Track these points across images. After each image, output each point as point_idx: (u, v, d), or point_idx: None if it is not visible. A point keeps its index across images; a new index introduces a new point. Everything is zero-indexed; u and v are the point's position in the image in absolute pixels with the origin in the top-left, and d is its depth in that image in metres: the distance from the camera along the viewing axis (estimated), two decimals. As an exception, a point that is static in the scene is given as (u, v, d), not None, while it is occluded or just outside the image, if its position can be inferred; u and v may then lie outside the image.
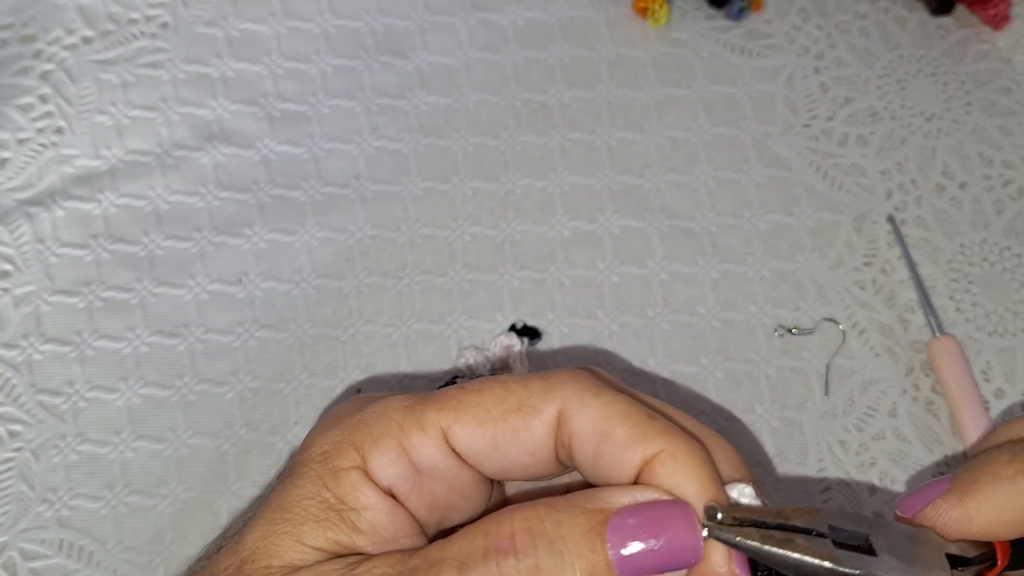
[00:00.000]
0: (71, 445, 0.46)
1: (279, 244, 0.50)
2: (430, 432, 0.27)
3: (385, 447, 0.27)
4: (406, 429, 0.27)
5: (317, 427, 0.29)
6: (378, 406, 0.28)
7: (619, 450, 0.25)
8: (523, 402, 0.26)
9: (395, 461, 0.27)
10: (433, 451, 0.27)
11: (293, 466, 0.28)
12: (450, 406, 0.27)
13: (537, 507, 0.25)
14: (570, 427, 0.26)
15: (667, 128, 0.53)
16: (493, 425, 0.27)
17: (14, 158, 0.51)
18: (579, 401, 0.26)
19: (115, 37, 0.54)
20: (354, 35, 0.55)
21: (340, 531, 0.26)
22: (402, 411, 0.27)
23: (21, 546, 0.44)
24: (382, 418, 0.27)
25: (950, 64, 0.55)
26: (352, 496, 0.26)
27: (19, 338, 0.48)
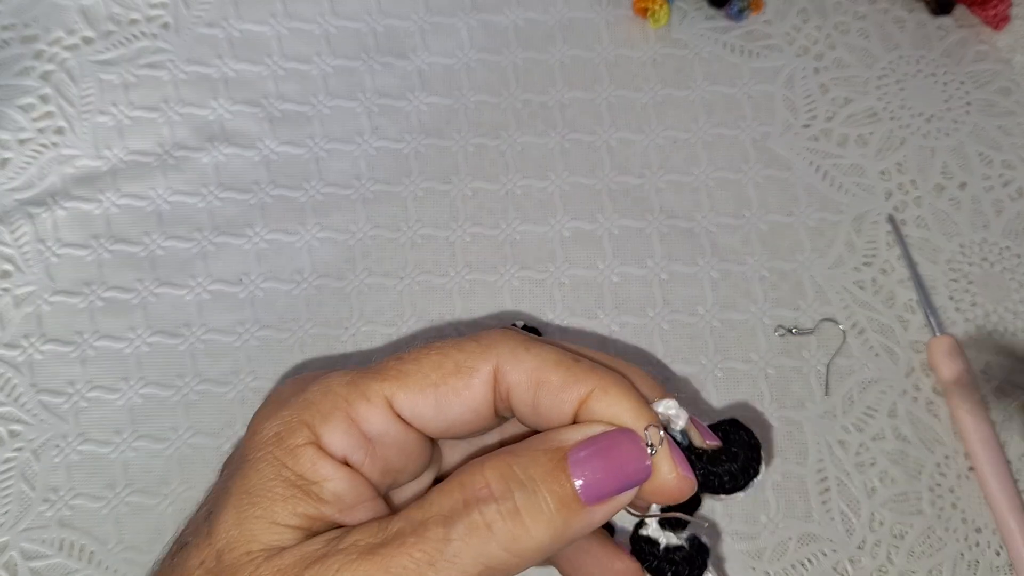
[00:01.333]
0: (72, 445, 0.46)
1: (280, 244, 0.50)
2: (375, 402, 0.28)
3: (334, 421, 0.28)
4: (352, 401, 0.28)
5: (260, 412, 0.29)
6: (320, 384, 0.29)
7: (556, 394, 0.28)
8: (460, 364, 0.28)
9: (346, 432, 0.28)
10: (380, 419, 0.28)
11: (245, 453, 0.29)
12: (391, 375, 0.28)
13: (502, 455, 0.27)
14: (507, 381, 0.28)
15: (667, 128, 0.54)
16: (434, 389, 0.28)
17: (15, 158, 0.51)
18: (513, 356, 0.28)
19: (116, 38, 0.54)
20: (355, 36, 0.55)
21: (307, 504, 0.27)
22: (345, 385, 0.28)
23: (22, 546, 0.44)
24: (327, 394, 0.28)
25: (949, 64, 0.56)
26: (311, 470, 0.28)
27: (20, 338, 0.48)
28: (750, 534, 0.46)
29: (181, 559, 0.28)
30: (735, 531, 0.46)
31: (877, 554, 0.45)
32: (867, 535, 0.46)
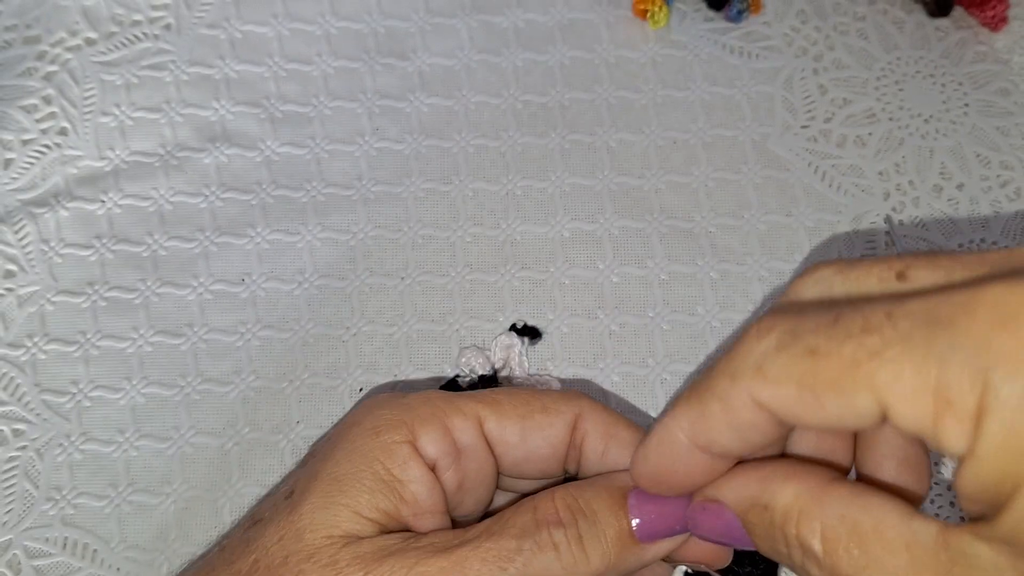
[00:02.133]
0: (75, 444, 0.46)
1: (281, 244, 0.50)
2: (469, 417, 0.31)
3: (431, 426, 0.31)
4: (449, 413, 0.31)
5: (360, 409, 0.32)
6: (420, 395, 0.32)
7: (623, 448, 0.32)
8: (547, 405, 0.32)
9: (440, 439, 0.30)
10: (471, 433, 0.31)
11: (337, 441, 0.31)
12: (485, 400, 0.32)
13: (570, 488, 0.30)
14: (584, 427, 0.32)
15: (666, 129, 0.54)
16: (522, 420, 0.31)
17: (18, 159, 0.52)
18: (591, 409, 0.32)
19: (118, 39, 0.55)
20: (356, 37, 0.56)
21: (388, 501, 0.29)
22: (443, 399, 0.32)
23: (25, 544, 0.44)
24: (427, 402, 0.31)
25: (948, 66, 0.56)
26: (401, 469, 0.30)
27: (23, 338, 0.48)
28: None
29: (256, 532, 0.29)
30: (734, 530, 0.46)
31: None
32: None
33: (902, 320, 0.20)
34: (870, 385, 0.20)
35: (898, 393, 0.20)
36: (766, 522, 0.25)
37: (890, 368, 0.20)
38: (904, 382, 0.20)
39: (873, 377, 0.20)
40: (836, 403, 0.21)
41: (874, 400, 0.21)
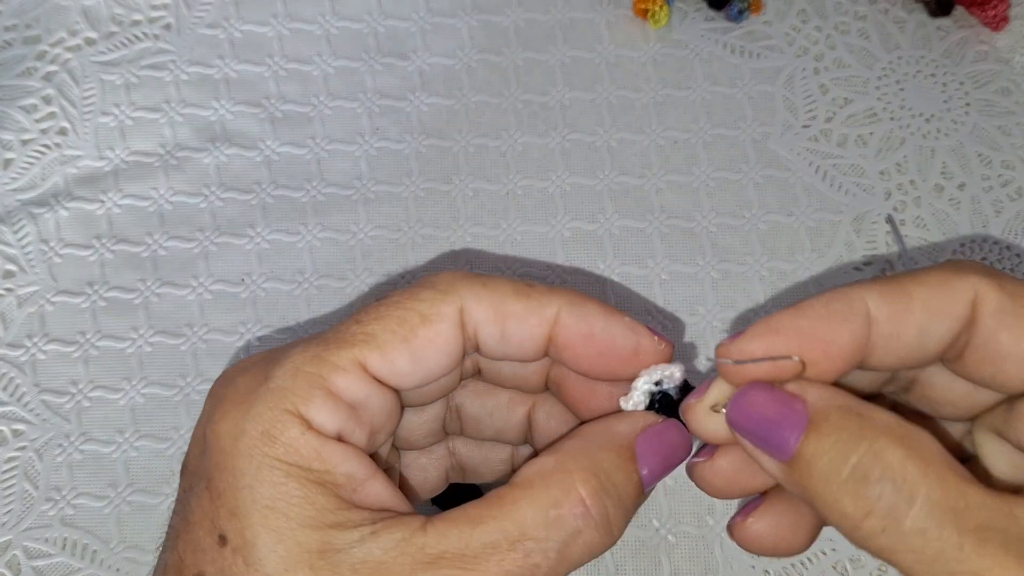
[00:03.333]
0: (75, 444, 0.46)
1: (281, 244, 0.50)
2: (350, 370, 0.28)
3: (317, 400, 0.27)
4: (327, 376, 0.27)
5: (220, 415, 0.27)
6: (284, 367, 0.28)
7: (523, 322, 0.29)
8: (425, 314, 0.28)
9: (333, 409, 0.27)
10: (360, 386, 0.28)
11: (228, 463, 0.27)
12: (359, 340, 0.28)
13: (584, 463, 0.28)
14: (473, 319, 0.29)
15: (667, 129, 0.54)
16: (406, 344, 0.28)
17: (18, 159, 0.52)
18: (473, 295, 0.29)
19: (118, 39, 0.55)
20: (356, 37, 0.55)
21: (327, 497, 0.26)
22: (313, 361, 0.27)
23: (25, 545, 0.44)
24: (298, 375, 0.27)
25: (949, 65, 0.56)
26: (319, 460, 0.27)
27: (23, 338, 0.48)
28: (750, 533, 0.46)
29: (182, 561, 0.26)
30: (735, 530, 0.46)
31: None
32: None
33: None
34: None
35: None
36: (847, 431, 0.26)
37: None
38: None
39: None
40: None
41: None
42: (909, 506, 0.24)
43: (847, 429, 0.26)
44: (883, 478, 0.25)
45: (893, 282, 0.28)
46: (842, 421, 0.26)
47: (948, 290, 0.27)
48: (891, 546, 0.25)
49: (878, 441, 0.25)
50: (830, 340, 0.27)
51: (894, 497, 0.24)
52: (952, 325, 0.27)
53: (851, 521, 0.25)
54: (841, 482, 0.25)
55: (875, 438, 0.25)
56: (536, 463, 0.28)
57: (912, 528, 0.24)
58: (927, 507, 0.24)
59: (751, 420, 0.27)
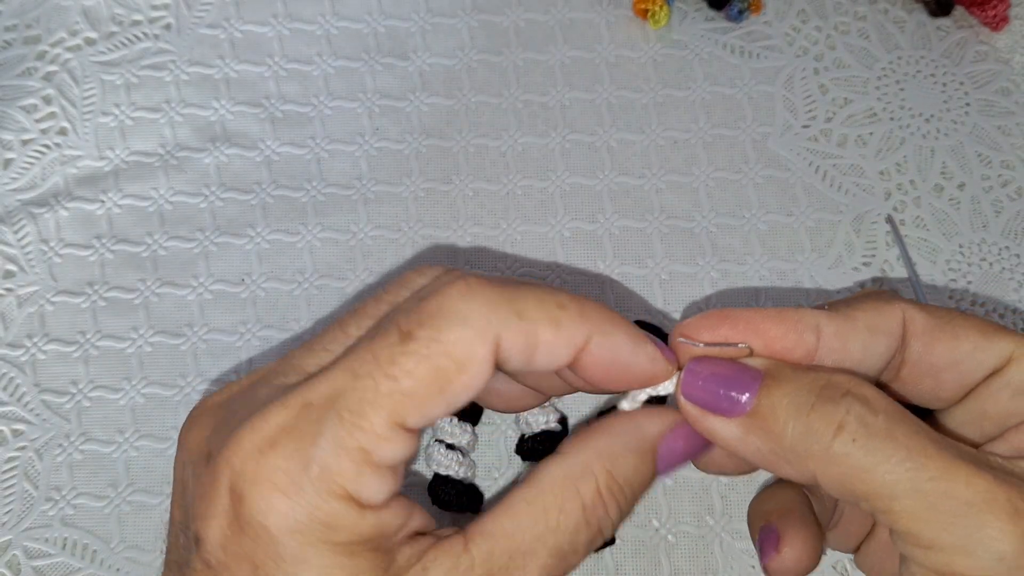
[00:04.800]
0: (75, 444, 0.46)
1: (281, 244, 0.50)
2: (392, 437, 0.26)
3: (368, 480, 0.26)
4: (371, 450, 0.26)
5: (264, 500, 0.26)
6: (323, 447, 0.26)
7: (551, 352, 0.28)
8: (459, 359, 0.27)
9: (382, 482, 0.26)
10: (400, 447, 0.27)
11: (291, 554, 0.26)
12: (396, 401, 0.26)
13: (606, 468, 0.29)
14: (504, 352, 0.28)
15: (667, 129, 0.54)
16: (442, 395, 0.27)
17: (18, 159, 0.52)
18: (508, 330, 0.27)
19: (118, 39, 0.55)
20: (356, 37, 0.55)
21: (388, 557, 0.26)
22: (354, 434, 0.26)
23: (25, 545, 0.44)
24: (341, 454, 0.26)
25: (949, 65, 0.56)
26: (377, 530, 0.26)
27: (23, 338, 0.48)
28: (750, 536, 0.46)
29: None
30: (735, 530, 0.46)
31: (876, 553, 0.46)
32: (866, 534, 0.46)
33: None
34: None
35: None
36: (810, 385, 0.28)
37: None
38: None
39: None
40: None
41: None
42: (875, 415, 0.26)
43: (803, 376, 0.28)
44: (849, 395, 0.27)
45: (836, 306, 0.30)
46: (796, 372, 0.28)
47: (882, 313, 0.30)
48: (860, 461, 0.26)
49: (835, 376, 0.27)
50: (780, 339, 0.29)
51: (862, 409, 0.26)
52: (889, 343, 0.30)
53: (821, 443, 0.27)
54: (808, 410, 0.27)
55: (831, 375, 0.27)
56: (562, 464, 0.29)
57: (883, 430, 0.26)
58: (893, 417, 0.26)
59: (705, 385, 0.29)
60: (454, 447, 0.45)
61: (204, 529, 0.27)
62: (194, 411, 0.29)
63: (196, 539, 0.27)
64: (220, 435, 0.27)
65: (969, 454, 0.26)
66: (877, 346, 0.30)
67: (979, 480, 0.25)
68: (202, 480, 0.27)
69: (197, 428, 0.29)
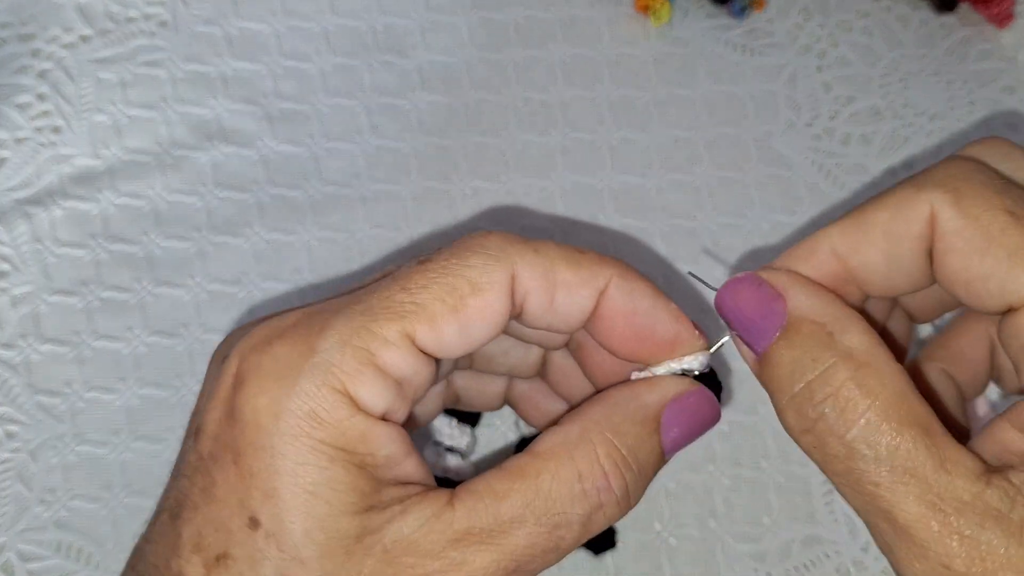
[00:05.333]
0: (69, 446, 0.46)
1: (279, 244, 0.50)
2: (399, 344, 0.26)
3: (368, 377, 0.26)
4: (376, 351, 0.26)
5: (258, 383, 0.26)
6: (330, 339, 0.26)
7: (573, 291, 0.28)
8: (475, 283, 0.27)
9: (383, 387, 0.26)
10: (408, 361, 0.27)
11: (270, 444, 0.25)
12: (408, 311, 0.26)
13: (607, 433, 0.28)
14: (523, 288, 0.28)
15: (668, 127, 0.53)
16: (455, 315, 0.27)
17: (12, 157, 0.51)
18: (525, 262, 0.28)
19: (114, 36, 0.54)
20: (354, 34, 0.55)
21: (367, 480, 0.26)
22: (361, 334, 0.26)
23: (19, 547, 0.44)
24: (346, 348, 0.26)
25: (953, 63, 0.55)
26: (363, 443, 0.26)
27: (17, 338, 0.47)
28: (753, 536, 0.45)
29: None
30: (738, 533, 0.45)
31: (881, 556, 0.45)
32: (871, 537, 0.45)
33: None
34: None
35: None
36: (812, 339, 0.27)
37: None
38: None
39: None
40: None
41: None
42: (846, 430, 0.26)
43: (812, 345, 0.27)
44: (826, 400, 0.26)
45: (856, 212, 0.28)
46: (811, 336, 0.27)
47: (905, 211, 0.27)
48: (822, 463, 0.27)
49: (835, 364, 0.26)
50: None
51: (833, 419, 0.26)
52: (914, 246, 0.27)
53: (792, 432, 0.28)
54: (792, 395, 0.27)
55: (832, 360, 0.26)
56: (559, 432, 0.28)
57: (837, 453, 0.26)
58: (859, 436, 0.26)
59: (735, 312, 0.28)
60: (452, 449, 0.44)
61: (203, 421, 0.27)
62: (233, 332, 0.29)
63: (196, 431, 0.27)
64: (238, 335, 0.28)
65: (927, 487, 0.25)
66: (903, 251, 0.27)
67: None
68: (212, 375, 0.28)
69: (226, 343, 0.29)
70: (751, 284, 0.28)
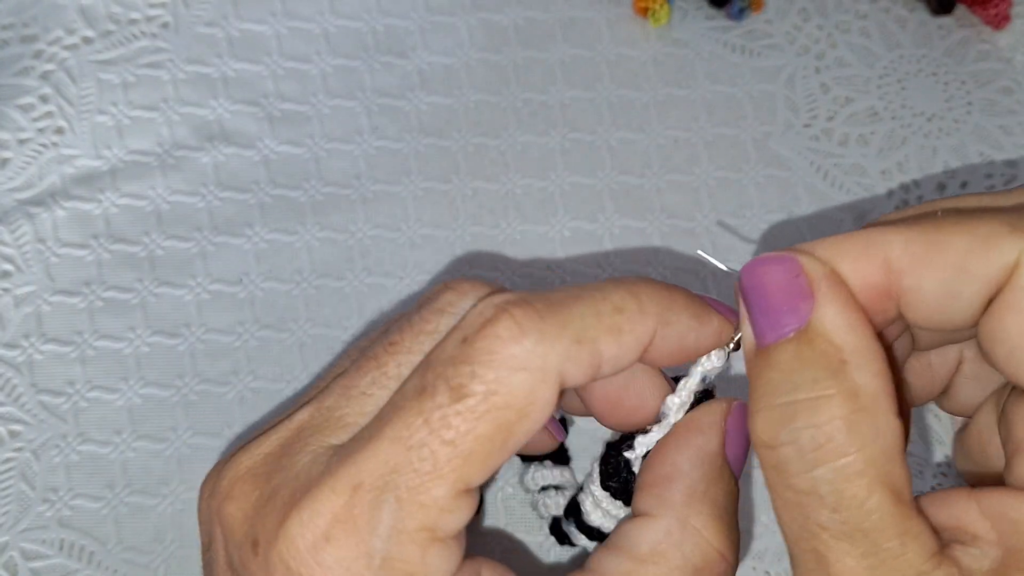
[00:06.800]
0: (72, 445, 0.46)
1: (279, 244, 0.50)
2: (455, 508, 0.24)
3: (432, 558, 0.24)
4: (435, 527, 0.24)
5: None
6: (382, 534, 0.24)
7: (618, 362, 0.26)
8: (523, 410, 0.24)
9: (447, 556, 0.25)
10: (466, 513, 0.25)
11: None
12: (457, 465, 0.24)
13: (708, 513, 0.26)
14: (571, 379, 0.25)
15: (668, 128, 0.53)
16: (503, 447, 0.25)
17: (15, 158, 0.51)
18: (569, 362, 0.25)
19: (116, 37, 0.54)
20: (355, 35, 0.55)
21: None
22: (415, 514, 0.24)
23: (22, 546, 0.44)
24: (403, 540, 0.24)
25: (951, 64, 0.55)
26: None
27: (20, 338, 0.48)
28: (751, 535, 0.46)
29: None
30: (736, 531, 0.46)
31: (878, 555, 0.45)
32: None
33: None
34: None
35: None
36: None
37: None
38: None
39: None
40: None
41: None
42: (814, 466, 0.24)
43: (819, 367, 0.24)
44: (808, 429, 0.24)
45: (927, 227, 0.24)
46: (822, 356, 0.24)
47: (989, 248, 0.23)
48: (771, 480, 0.25)
49: (832, 398, 0.24)
50: (851, 275, 0.25)
51: (806, 450, 0.24)
52: (979, 289, 0.24)
53: (753, 436, 0.25)
54: (773, 405, 0.24)
55: (831, 392, 0.24)
56: (654, 528, 0.26)
57: (795, 484, 0.24)
58: (826, 478, 0.23)
59: (756, 291, 0.26)
60: (559, 488, 0.42)
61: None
62: (226, 472, 0.26)
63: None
64: (265, 520, 0.25)
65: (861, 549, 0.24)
66: (961, 292, 0.24)
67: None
68: (252, 572, 0.25)
69: (235, 500, 0.26)
70: (785, 270, 0.25)
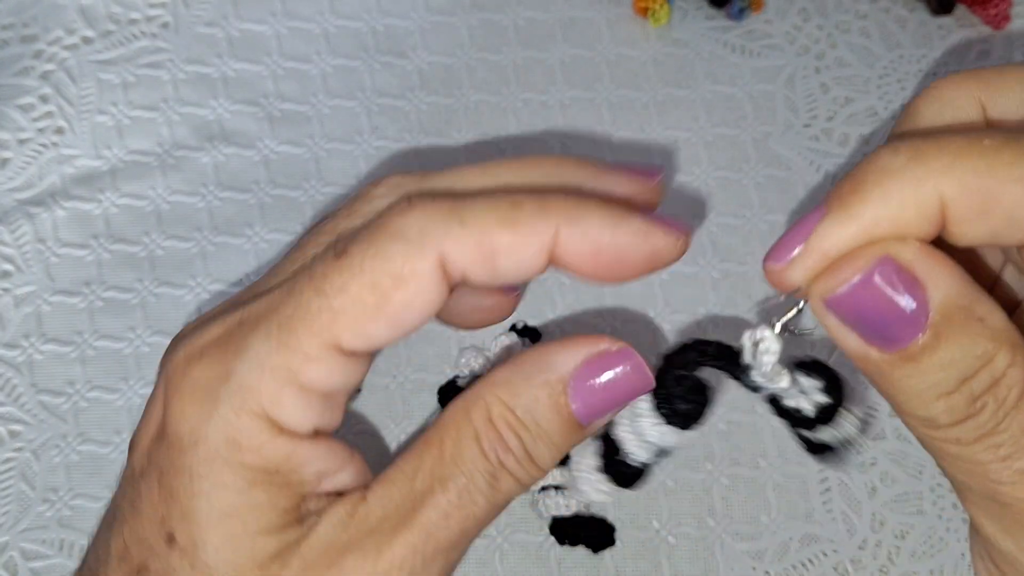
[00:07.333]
0: (72, 445, 0.46)
1: (280, 244, 0.50)
2: (323, 357, 0.25)
3: (289, 398, 0.25)
4: (297, 369, 0.25)
5: (179, 407, 0.25)
6: (248, 360, 0.25)
7: (514, 255, 0.26)
8: (398, 274, 0.25)
9: (307, 406, 0.25)
10: (333, 371, 0.25)
11: (188, 466, 0.25)
12: (325, 319, 0.25)
13: (502, 397, 0.26)
14: (456, 264, 0.25)
15: (667, 128, 0.53)
16: (380, 312, 0.25)
17: (15, 158, 0.51)
18: (452, 239, 0.25)
19: (116, 37, 0.54)
20: (355, 35, 0.55)
21: (291, 496, 0.25)
22: (280, 352, 0.25)
23: (22, 546, 0.44)
24: (264, 371, 0.25)
25: (951, 64, 0.55)
26: (287, 463, 0.25)
27: (20, 338, 0.48)
28: (751, 534, 0.46)
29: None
30: (736, 531, 0.46)
31: (878, 554, 0.45)
32: (868, 535, 0.46)
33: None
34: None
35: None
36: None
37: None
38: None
39: None
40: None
41: None
42: (1001, 421, 0.23)
43: (967, 340, 0.23)
44: (989, 392, 0.23)
45: (981, 170, 0.23)
46: (964, 329, 0.23)
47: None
48: (961, 450, 0.24)
49: (995, 355, 0.23)
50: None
51: (1000, 403, 0.23)
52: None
53: (935, 424, 0.24)
54: (947, 392, 0.24)
55: (994, 353, 0.23)
56: (460, 397, 0.27)
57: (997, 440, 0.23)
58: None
59: (860, 316, 0.25)
60: (559, 488, 0.43)
61: (138, 437, 0.27)
62: (173, 339, 0.28)
63: (132, 445, 0.28)
64: (176, 342, 0.27)
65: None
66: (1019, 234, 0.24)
67: None
68: (155, 395, 0.27)
69: (169, 348, 0.28)
70: (882, 274, 0.24)
